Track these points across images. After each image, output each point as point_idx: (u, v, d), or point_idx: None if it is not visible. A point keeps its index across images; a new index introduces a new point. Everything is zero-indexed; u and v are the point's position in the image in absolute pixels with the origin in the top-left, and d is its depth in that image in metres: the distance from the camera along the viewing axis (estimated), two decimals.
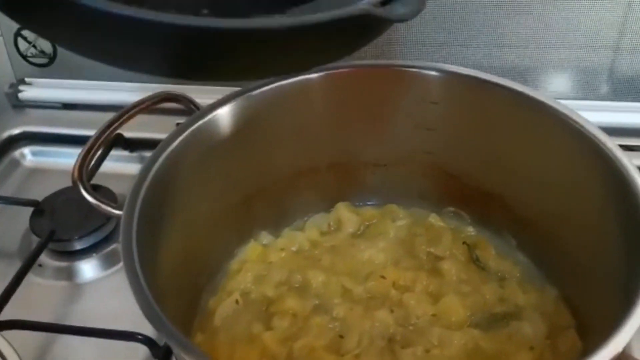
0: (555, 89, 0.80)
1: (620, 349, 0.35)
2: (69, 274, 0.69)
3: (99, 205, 0.47)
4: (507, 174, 0.59)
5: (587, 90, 0.81)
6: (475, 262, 0.58)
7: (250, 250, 0.60)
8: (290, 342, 0.50)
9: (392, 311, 0.52)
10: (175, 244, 0.51)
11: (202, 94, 0.65)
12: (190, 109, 0.55)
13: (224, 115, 0.54)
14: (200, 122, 0.52)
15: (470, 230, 0.62)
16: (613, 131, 0.75)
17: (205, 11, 0.32)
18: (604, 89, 0.81)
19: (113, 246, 0.70)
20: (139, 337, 0.58)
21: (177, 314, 0.43)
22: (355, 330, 0.51)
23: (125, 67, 0.36)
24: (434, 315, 0.53)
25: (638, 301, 0.37)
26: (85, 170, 0.49)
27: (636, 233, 0.43)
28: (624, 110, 0.80)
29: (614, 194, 0.48)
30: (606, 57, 0.77)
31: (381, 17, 0.34)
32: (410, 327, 0.52)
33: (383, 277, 0.56)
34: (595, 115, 0.65)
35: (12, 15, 0.34)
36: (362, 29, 0.36)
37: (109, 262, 0.69)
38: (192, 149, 0.51)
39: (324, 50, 0.36)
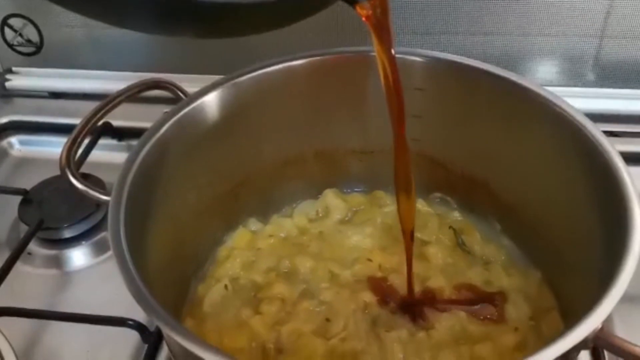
0: (541, 77, 0.81)
1: (598, 325, 0.36)
2: (59, 262, 0.69)
3: (87, 191, 0.47)
4: (492, 161, 0.59)
5: (573, 78, 0.81)
6: (461, 246, 0.59)
7: (239, 237, 0.61)
8: (278, 326, 0.51)
9: (378, 295, 0.53)
10: (163, 232, 0.51)
11: (189, 82, 0.65)
12: (178, 96, 0.55)
13: (211, 102, 0.54)
14: (187, 109, 0.52)
15: (456, 215, 0.63)
16: (599, 117, 0.76)
17: None
18: (590, 76, 0.82)
19: (102, 234, 0.70)
20: (130, 322, 0.58)
21: (166, 301, 0.43)
22: (342, 314, 0.52)
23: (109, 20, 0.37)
24: (420, 298, 0.53)
25: (615, 282, 0.38)
26: (73, 158, 0.49)
27: (616, 217, 0.44)
28: (609, 97, 0.81)
29: (596, 179, 0.49)
30: (592, 44, 0.78)
31: None
32: (397, 310, 0.52)
33: (369, 260, 0.57)
34: (581, 102, 0.66)
35: None
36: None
37: (98, 250, 0.70)
38: (179, 136, 0.51)
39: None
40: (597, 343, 0.37)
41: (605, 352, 0.55)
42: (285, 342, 0.50)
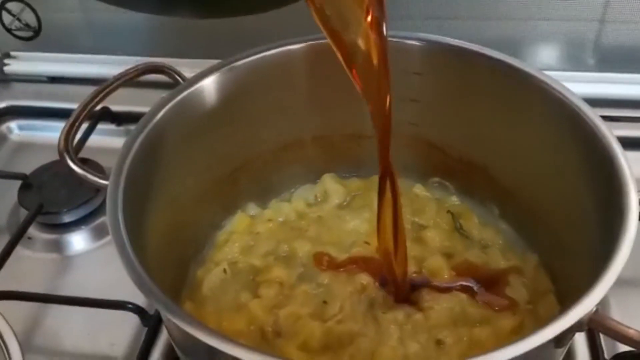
0: (541, 61, 0.80)
1: (592, 308, 0.36)
2: (59, 247, 0.69)
3: (85, 175, 0.47)
4: (490, 145, 0.59)
5: (573, 62, 0.81)
6: (459, 230, 0.59)
7: (238, 221, 0.61)
8: (276, 310, 0.51)
9: (375, 277, 0.53)
10: (162, 216, 0.51)
11: (187, 67, 0.65)
12: (176, 80, 0.55)
13: (209, 86, 0.54)
14: (185, 93, 0.52)
15: (454, 200, 0.63)
16: (598, 102, 0.76)
17: None
18: (590, 60, 0.81)
19: (102, 219, 0.71)
20: (129, 306, 0.59)
21: (165, 284, 0.43)
22: (338, 296, 0.52)
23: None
24: (418, 280, 0.54)
25: (610, 266, 0.38)
26: (71, 142, 0.49)
27: (612, 202, 0.44)
28: (609, 82, 0.81)
29: (593, 164, 0.49)
30: (592, 28, 0.77)
31: None
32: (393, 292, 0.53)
33: (367, 242, 0.57)
34: (581, 86, 0.66)
35: None
36: None
37: (98, 234, 0.70)
38: (177, 120, 0.51)
39: None
40: (592, 325, 0.37)
41: (601, 335, 0.56)
42: (282, 325, 0.50)
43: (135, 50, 0.83)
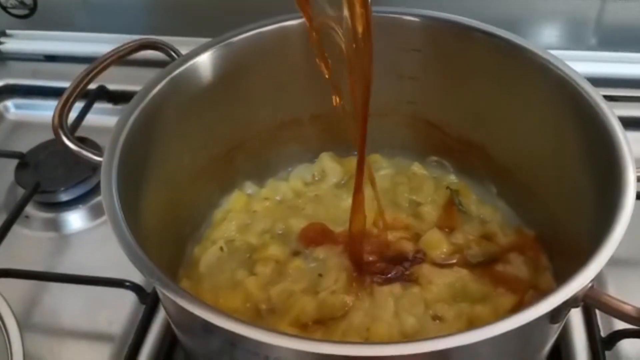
0: (542, 40, 0.80)
1: (587, 284, 0.36)
2: (56, 225, 0.69)
3: (80, 152, 0.47)
4: (489, 124, 0.59)
5: (574, 41, 0.80)
6: (458, 206, 0.59)
7: (235, 200, 0.61)
8: (270, 287, 0.52)
9: (372, 250, 0.53)
10: (158, 193, 0.51)
11: (184, 45, 0.64)
12: (171, 57, 0.55)
13: (204, 63, 0.53)
14: (180, 69, 0.52)
15: (452, 178, 0.63)
16: (600, 82, 0.75)
17: None
18: (592, 39, 0.81)
19: (99, 198, 0.70)
20: (127, 284, 0.59)
21: (163, 262, 0.43)
22: (334, 268, 0.52)
23: None
24: (416, 254, 0.54)
25: (604, 243, 0.38)
26: (66, 119, 0.49)
27: (610, 180, 0.44)
28: (611, 61, 0.81)
29: (593, 143, 0.48)
30: (594, 7, 0.76)
31: None
32: (391, 265, 0.53)
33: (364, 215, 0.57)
34: (582, 65, 0.65)
35: None
36: None
37: (95, 213, 0.70)
38: (172, 96, 0.51)
39: None
40: (587, 301, 0.37)
41: (597, 313, 0.56)
42: (275, 302, 0.50)
43: (132, 28, 0.82)
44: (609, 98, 0.78)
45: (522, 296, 0.52)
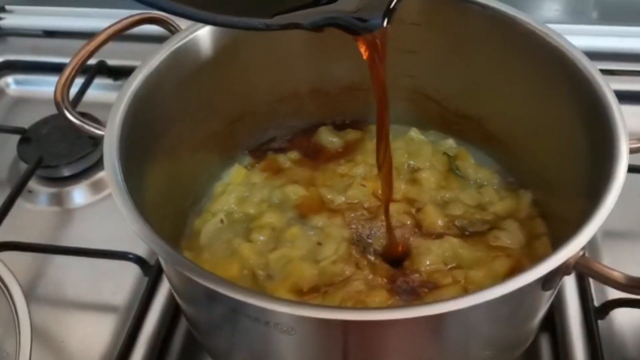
0: (542, 14, 0.79)
1: (578, 252, 0.37)
2: (60, 200, 0.70)
3: (82, 126, 0.48)
4: (486, 97, 0.59)
5: (575, 15, 0.80)
6: (455, 171, 0.60)
7: (235, 173, 0.61)
8: (268, 253, 0.52)
9: (370, 219, 0.54)
10: (160, 166, 0.52)
11: (184, 21, 0.64)
12: (171, 31, 0.55)
13: (204, 36, 0.53)
14: (180, 43, 0.52)
15: (451, 142, 0.63)
16: (601, 56, 0.75)
17: None
18: (593, 13, 0.80)
19: (102, 172, 0.71)
20: (130, 256, 0.60)
21: (165, 235, 0.44)
22: (333, 238, 0.53)
23: None
24: (413, 225, 0.55)
25: (595, 213, 0.39)
26: (67, 93, 0.49)
27: (604, 154, 0.44)
28: (611, 35, 0.80)
29: (589, 116, 0.49)
30: None
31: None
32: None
33: (363, 185, 0.58)
34: (582, 39, 0.65)
35: None
36: None
37: (98, 187, 0.71)
38: (172, 70, 0.51)
39: None
40: (578, 268, 0.38)
41: (591, 283, 0.57)
42: (273, 268, 0.51)
43: (132, 3, 0.82)
44: (609, 72, 0.78)
45: (517, 259, 0.52)
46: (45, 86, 0.81)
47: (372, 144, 0.62)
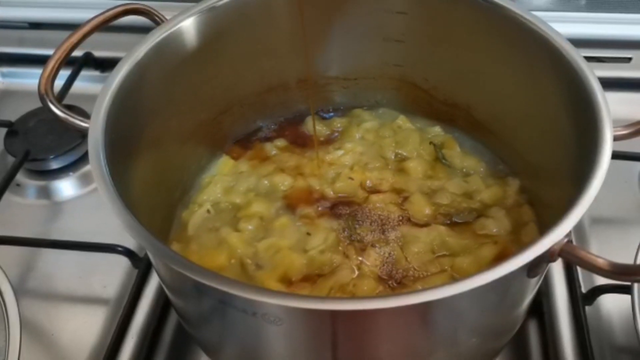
0: (533, 2, 0.79)
1: (562, 239, 0.37)
2: (48, 193, 0.70)
3: (67, 119, 0.47)
4: (473, 85, 0.60)
5: (564, 2, 0.80)
6: (441, 160, 0.60)
7: (222, 164, 0.61)
8: (256, 242, 0.52)
9: (358, 211, 0.54)
10: (147, 159, 0.52)
11: (166, 10, 0.64)
12: (155, 22, 0.54)
13: (188, 27, 0.53)
14: (165, 34, 0.51)
15: (438, 130, 0.63)
16: (589, 43, 0.75)
17: None
18: (581, 0, 0.80)
19: (89, 165, 0.71)
20: (119, 249, 0.60)
21: (154, 227, 0.44)
22: (322, 229, 0.53)
23: None
24: (400, 214, 0.55)
25: (579, 200, 0.39)
26: (51, 86, 0.49)
27: (588, 140, 0.45)
28: (598, 22, 0.80)
29: (574, 103, 0.49)
30: None
31: None
32: (377, 226, 0.54)
33: (351, 178, 0.58)
34: (571, 27, 0.65)
35: None
36: None
37: (87, 180, 0.71)
38: (157, 60, 0.51)
39: None
40: (563, 255, 0.38)
41: (578, 270, 0.58)
42: (262, 258, 0.51)
43: None
44: (597, 59, 0.78)
45: (504, 246, 0.53)
46: (31, 78, 0.79)
47: (359, 128, 0.62)
